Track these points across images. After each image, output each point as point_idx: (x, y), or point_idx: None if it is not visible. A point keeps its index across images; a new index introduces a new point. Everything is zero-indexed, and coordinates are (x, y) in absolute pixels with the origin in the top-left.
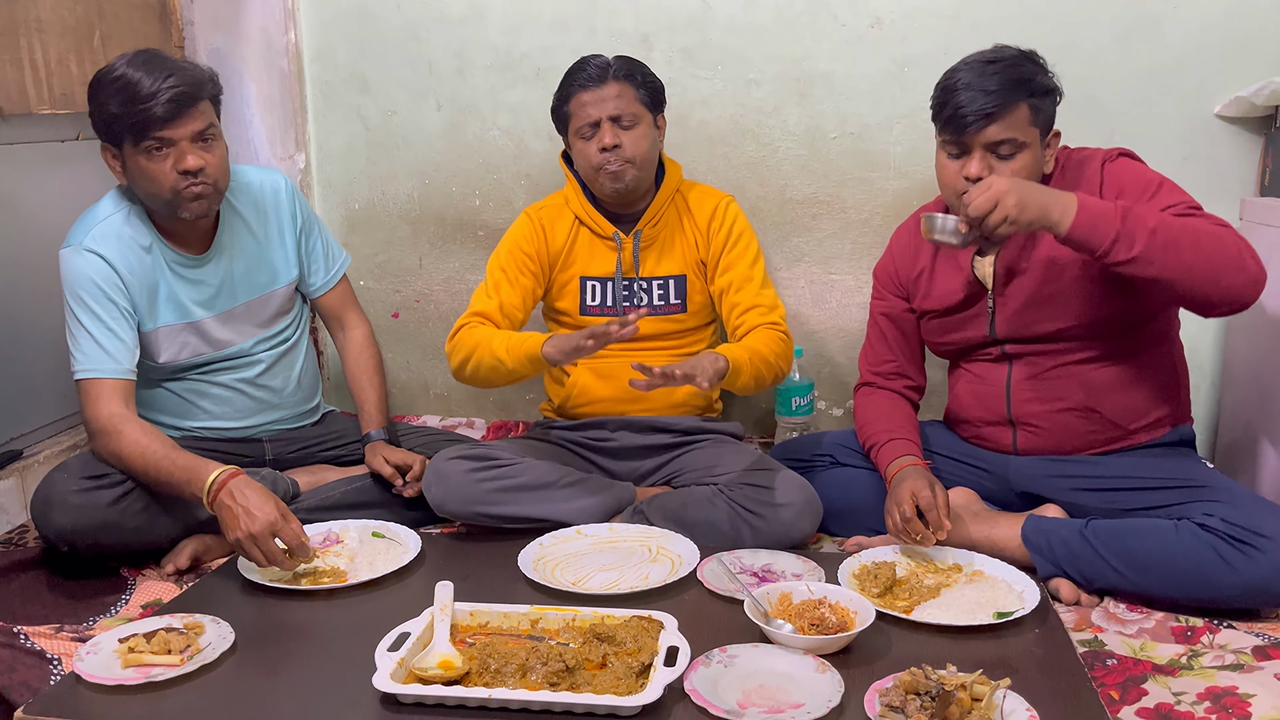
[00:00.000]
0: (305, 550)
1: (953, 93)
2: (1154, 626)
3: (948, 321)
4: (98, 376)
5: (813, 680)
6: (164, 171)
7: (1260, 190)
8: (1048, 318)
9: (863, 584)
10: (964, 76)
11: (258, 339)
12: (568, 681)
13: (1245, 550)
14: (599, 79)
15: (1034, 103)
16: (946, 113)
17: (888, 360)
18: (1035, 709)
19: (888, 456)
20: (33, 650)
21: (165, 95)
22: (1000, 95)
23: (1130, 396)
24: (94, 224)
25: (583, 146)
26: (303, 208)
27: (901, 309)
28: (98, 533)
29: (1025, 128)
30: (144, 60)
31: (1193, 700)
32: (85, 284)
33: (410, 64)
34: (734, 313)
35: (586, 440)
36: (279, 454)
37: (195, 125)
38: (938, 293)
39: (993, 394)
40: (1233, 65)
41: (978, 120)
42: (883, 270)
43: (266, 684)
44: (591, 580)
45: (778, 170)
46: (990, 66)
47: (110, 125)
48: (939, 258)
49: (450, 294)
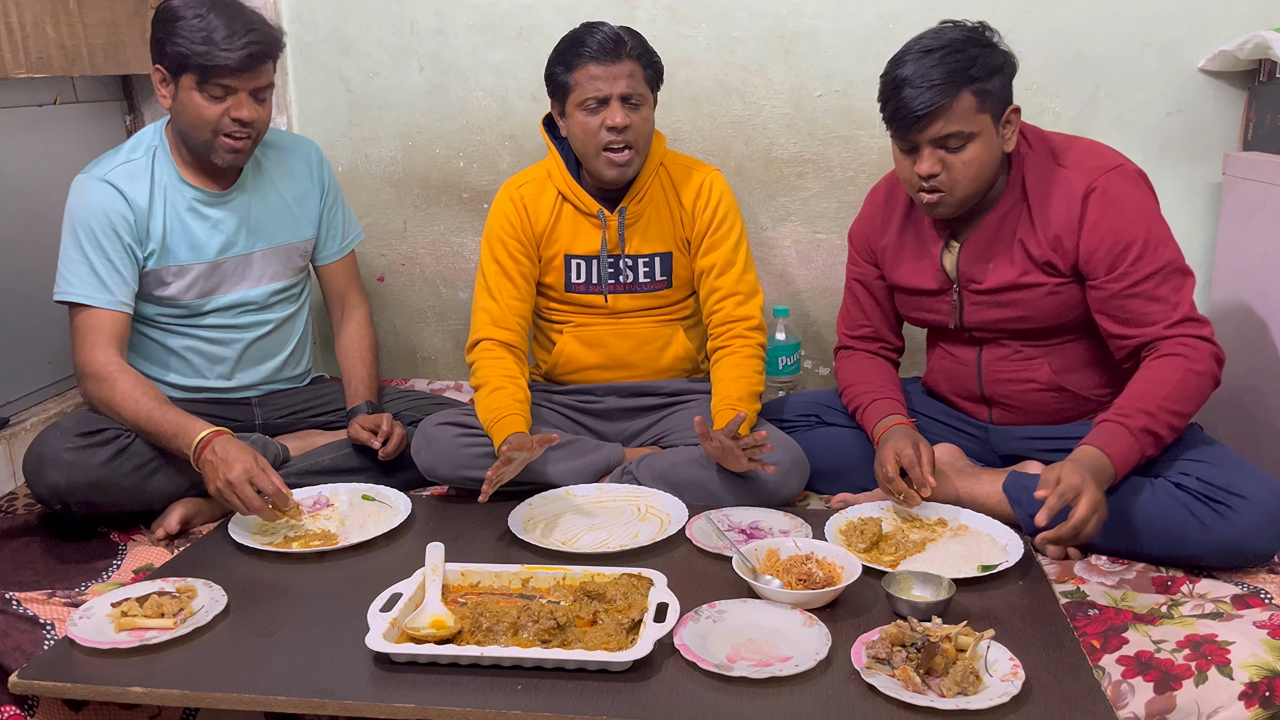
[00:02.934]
0: (284, 499)
1: (895, 89)
2: (1134, 577)
3: (915, 300)
4: (89, 305)
5: (800, 634)
6: (214, 114)
7: (1243, 145)
8: (1012, 318)
9: (849, 539)
10: (904, 70)
11: (271, 289)
12: (559, 639)
13: (1219, 510)
14: (613, 54)
15: (979, 89)
16: (889, 111)
17: (863, 325)
18: (1018, 658)
19: (873, 417)
20: (25, 616)
21: (242, 47)
22: (940, 90)
23: (1099, 372)
24: (118, 161)
25: (585, 120)
26: (329, 176)
27: (873, 275)
28: (90, 491)
29: (972, 117)
30: (225, 5)
31: (1172, 648)
32: (96, 214)
33: (391, 24)
34: (712, 297)
35: (575, 403)
36: (268, 418)
37: (260, 81)
38: (904, 270)
39: (965, 373)
40: (1217, 19)
41: (920, 120)
42: (856, 233)
43: (260, 645)
44: (581, 540)
45: (763, 129)
46: (929, 57)
47: (178, 58)
48: (906, 233)
49: (435, 257)
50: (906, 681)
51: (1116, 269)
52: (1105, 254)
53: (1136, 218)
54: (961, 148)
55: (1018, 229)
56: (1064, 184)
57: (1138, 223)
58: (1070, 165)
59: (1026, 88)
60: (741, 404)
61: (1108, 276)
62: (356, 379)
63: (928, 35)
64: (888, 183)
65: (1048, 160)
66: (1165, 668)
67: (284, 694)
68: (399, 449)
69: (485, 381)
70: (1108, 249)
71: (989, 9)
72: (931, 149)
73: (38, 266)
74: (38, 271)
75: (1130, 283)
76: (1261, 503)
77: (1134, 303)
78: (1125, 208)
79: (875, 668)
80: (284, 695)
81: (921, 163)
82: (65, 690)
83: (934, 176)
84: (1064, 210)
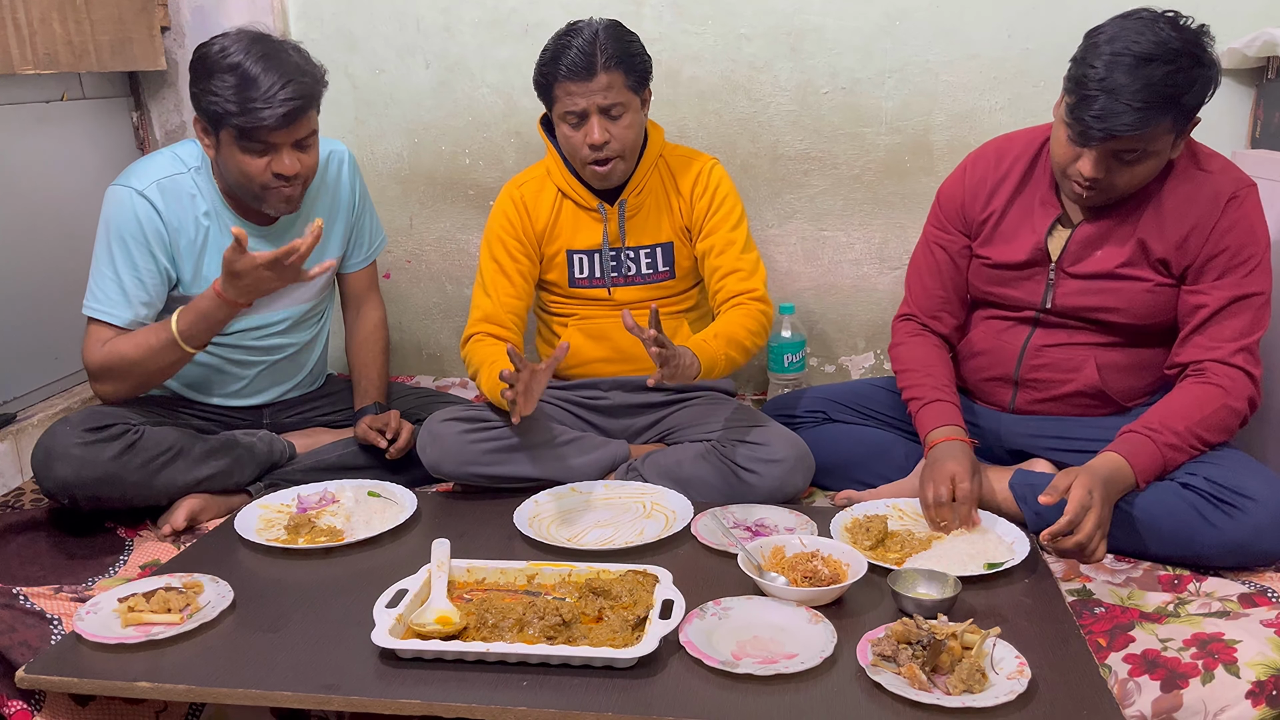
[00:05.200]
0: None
1: (1091, 89)
2: (1141, 576)
3: (1003, 275)
4: (109, 321)
5: (806, 631)
6: (258, 168)
7: (1251, 142)
8: (1104, 306)
9: (855, 537)
10: (1116, 77)
11: (299, 311)
12: (564, 635)
13: (1227, 510)
14: (586, 70)
15: (1181, 114)
16: (1076, 112)
17: (937, 293)
18: (1024, 656)
19: (931, 419)
20: (32, 611)
21: (280, 106)
22: (1145, 116)
23: (1139, 378)
24: (157, 174)
25: (568, 133)
26: (360, 185)
27: (960, 245)
28: (98, 485)
29: (1161, 138)
30: (262, 54)
31: (1179, 646)
32: (131, 227)
33: (397, 21)
34: (715, 276)
35: (580, 399)
36: (276, 418)
37: (300, 133)
38: (1001, 245)
39: (1007, 352)
40: (1225, 17)
41: (1107, 139)
42: (949, 198)
43: (266, 641)
44: (587, 536)
45: (769, 126)
46: (1141, 70)
47: (213, 114)
48: (1014, 205)
49: (442, 254)
50: (912, 679)
51: (1225, 278)
52: (1223, 261)
53: (1262, 236)
54: (1138, 161)
55: (1141, 221)
56: (1208, 187)
57: (1261, 242)
58: (1215, 171)
59: (1034, 85)
60: (715, 340)
61: (1214, 283)
62: (367, 380)
63: (1145, 39)
64: (996, 150)
65: (1189, 162)
66: (1172, 666)
67: (290, 689)
68: (407, 448)
69: (480, 362)
70: (1229, 257)
71: (996, 5)
72: (1102, 155)
73: (45, 263)
74: (45, 268)
75: (1229, 295)
76: (1269, 503)
77: (1219, 314)
78: (1257, 225)
79: (881, 665)
80: (290, 691)
81: (1088, 164)
82: (72, 685)
83: (1096, 181)
84: (1202, 211)
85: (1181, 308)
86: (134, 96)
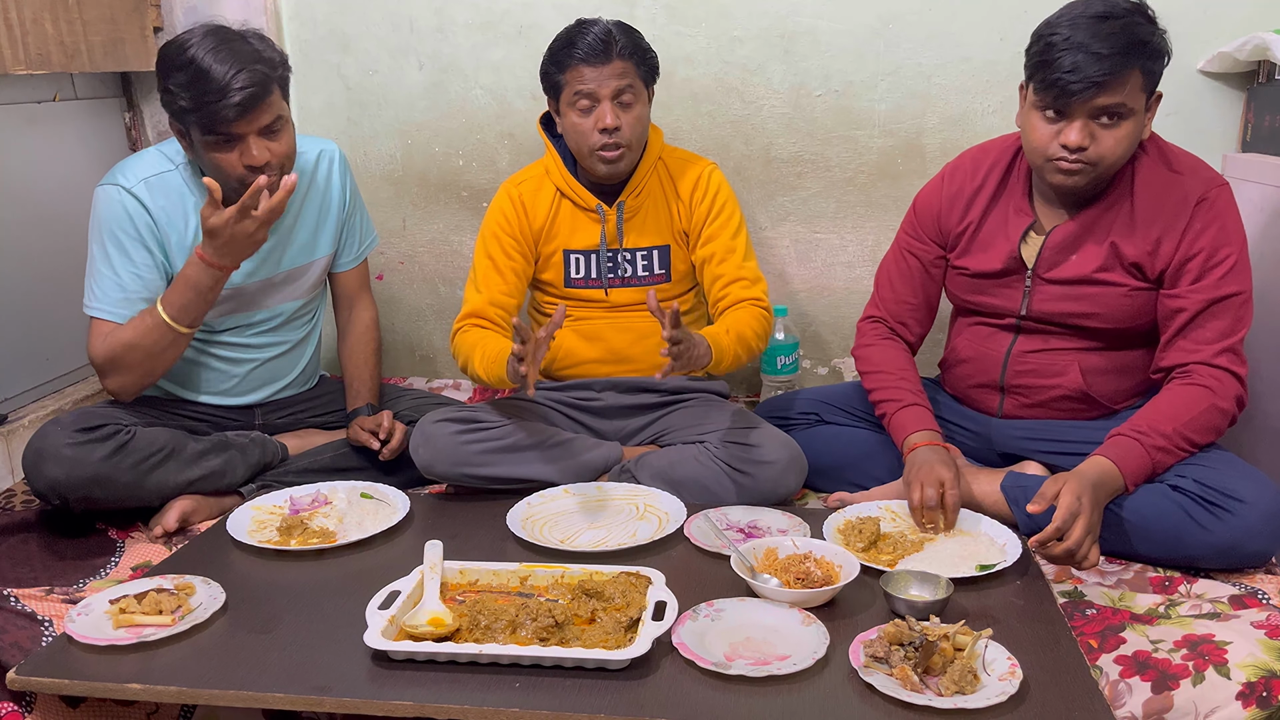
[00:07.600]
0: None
1: (1058, 53)
2: (1132, 577)
3: (980, 284)
4: (111, 319)
5: (798, 633)
6: (231, 162)
7: (1242, 146)
8: (1081, 312)
9: (847, 539)
10: (1072, 34)
11: (291, 308)
12: (557, 636)
13: (1217, 512)
14: (603, 54)
15: (1148, 67)
16: (1050, 75)
17: (907, 300)
18: (1016, 657)
19: (910, 423)
20: (23, 612)
21: (235, 95)
22: (1117, 60)
23: (1124, 380)
24: (145, 172)
25: (577, 120)
26: (350, 184)
27: (933, 256)
28: (89, 486)
29: (1136, 94)
30: (214, 45)
31: (1170, 648)
32: (123, 224)
33: (391, 22)
34: (716, 285)
35: (573, 400)
36: (268, 419)
37: (263, 120)
38: (978, 255)
39: (991, 359)
40: (1216, 20)
41: (1087, 88)
42: (926, 208)
43: (258, 643)
44: (580, 538)
45: (762, 129)
46: (1102, 25)
47: (175, 111)
48: (990, 216)
49: (435, 256)
50: (904, 680)
51: (1201, 280)
52: (1198, 263)
53: (1235, 236)
54: (1117, 124)
55: (1114, 226)
56: (1177, 189)
57: (1235, 242)
58: (1184, 172)
59: None
60: (727, 335)
61: (1191, 286)
62: (359, 381)
63: (1095, 3)
64: (972, 160)
65: (1159, 163)
66: (1163, 667)
67: (282, 691)
68: (400, 449)
69: (471, 347)
70: (1203, 260)
71: (989, 8)
72: (1085, 120)
73: (37, 264)
74: (37, 269)
75: (1206, 298)
76: (1259, 505)
77: (1199, 317)
78: (1229, 225)
79: (873, 666)
80: (282, 692)
81: (1072, 133)
82: (63, 687)
83: (1082, 150)
84: (1172, 214)
85: (1161, 312)
86: (126, 97)
